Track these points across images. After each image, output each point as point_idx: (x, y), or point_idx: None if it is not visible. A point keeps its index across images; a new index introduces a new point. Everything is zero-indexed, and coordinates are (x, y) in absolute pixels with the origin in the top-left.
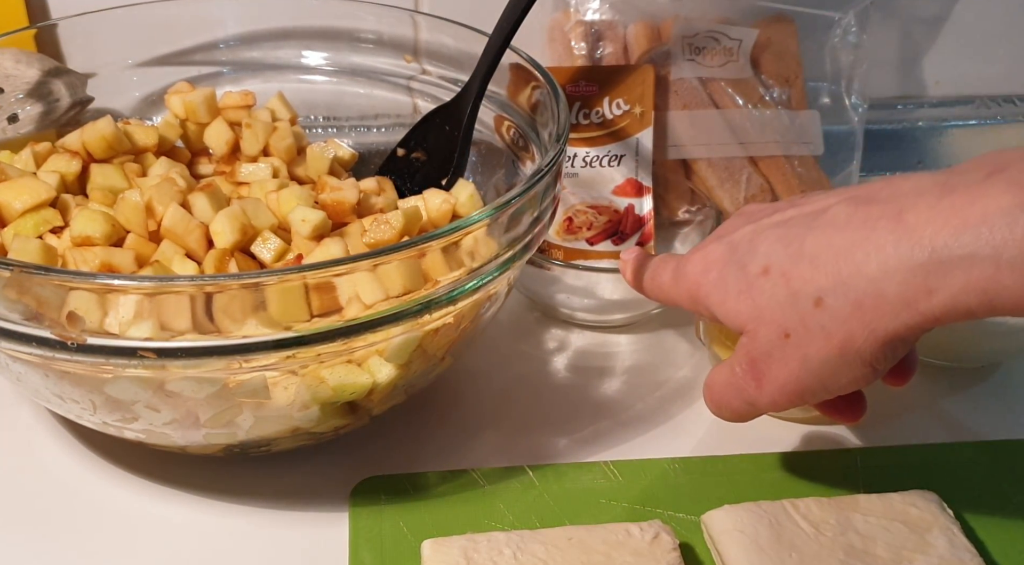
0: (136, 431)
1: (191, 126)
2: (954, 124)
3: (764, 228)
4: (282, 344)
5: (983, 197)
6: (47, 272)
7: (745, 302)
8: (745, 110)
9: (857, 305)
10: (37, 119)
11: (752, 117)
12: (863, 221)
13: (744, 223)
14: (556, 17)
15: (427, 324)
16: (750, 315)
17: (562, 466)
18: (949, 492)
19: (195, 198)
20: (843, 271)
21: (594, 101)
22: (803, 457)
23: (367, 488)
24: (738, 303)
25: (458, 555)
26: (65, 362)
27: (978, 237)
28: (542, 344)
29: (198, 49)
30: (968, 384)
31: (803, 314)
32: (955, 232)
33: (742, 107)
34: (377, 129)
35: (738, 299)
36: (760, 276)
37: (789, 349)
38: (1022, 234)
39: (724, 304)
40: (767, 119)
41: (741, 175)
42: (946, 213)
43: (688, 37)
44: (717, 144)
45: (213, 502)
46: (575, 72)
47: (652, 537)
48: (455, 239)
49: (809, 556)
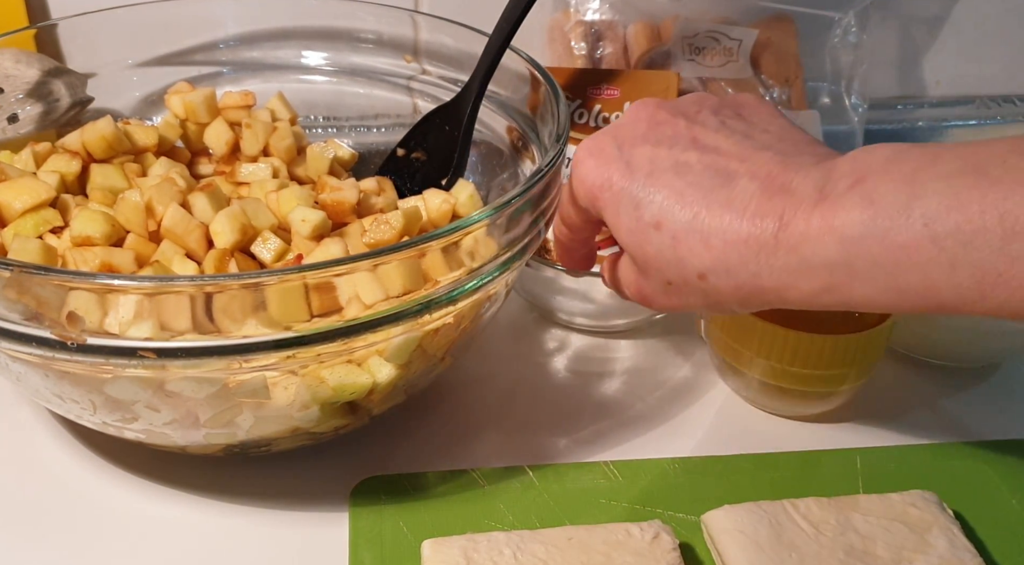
0: (136, 431)
1: (191, 126)
2: (954, 124)
3: (665, 167)
4: (282, 344)
5: (843, 210)
6: (47, 272)
7: (634, 241)
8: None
9: (737, 288)
10: (37, 119)
11: None
12: (758, 215)
13: (645, 126)
14: (556, 17)
15: (427, 324)
16: (638, 255)
17: (562, 466)
18: (949, 492)
19: (195, 198)
20: (730, 259)
21: (614, 105)
22: (803, 457)
23: (367, 488)
24: (628, 237)
25: (458, 555)
26: (65, 362)
27: (835, 248)
28: (542, 344)
29: (198, 49)
30: (968, 384)
31: (686, 278)
32: (819, 242)
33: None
34: (377, 129)
35: (629, 234)
36: (652, 228)
37: (671, 292)
38: (868, 248)
39: (616, 229)
40: None
41: None
42: (817, 223)
43: (688, 37)
44: None
45: (213, 502)
46: (597, 75)
47: (652, 537)
48: (455, 239)
49: (809, 556)
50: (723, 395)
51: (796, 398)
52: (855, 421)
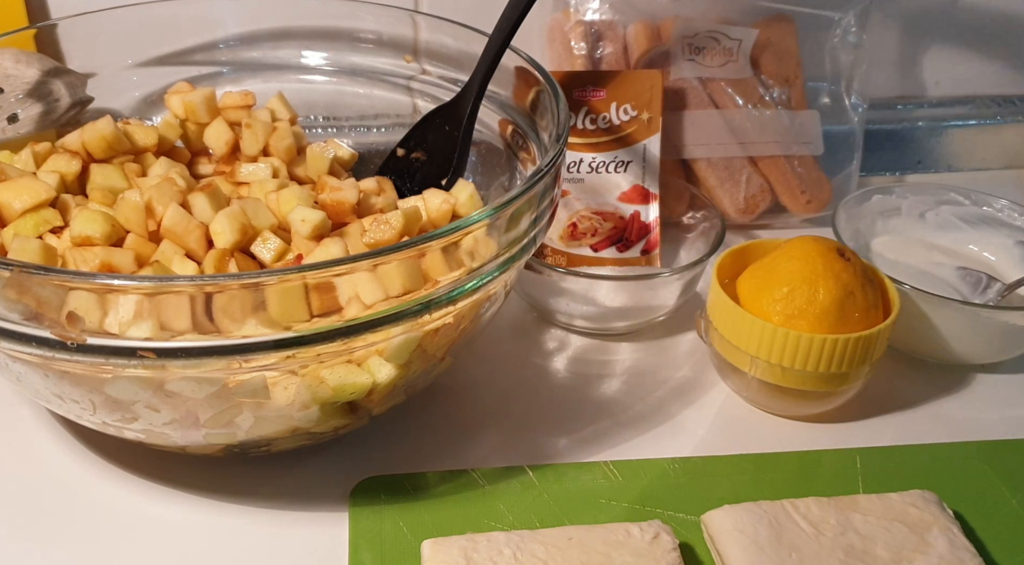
0: (136, 431)
1: (191, 126)
2: (954, 124)
3: None
4: (282, 344)
5: None
6: (47, 272)
7: None
8: (745, 110)
9: None
10: (37, 119)
11: (752, 117)
12: None
13: None
14: (556, 17)
15: (427, 324)
16: None
17: (562, 466)
18: (949, 492)
19: (195, 198)
20: None
21: (601, 106)
22: (803, 457)
23: (367, 488)
24: None
25: (458, 555)
26: (65, 362)
27: None
28: (542, 344)
29: (198, 49)
30: (968, 384)
31: None
32: None
33: (742, 107)
34: (377, 129)
35: None
36: None
37: None
38: None
39: None
40: (767, 119)
41: (741, 175)
42: None
43: (688, 37)
44: (717, 144)
45: (213, 502)
46: (581, 77)
47: (652, 537)
48: (455, 239)
49: (809, 556)
50: (723, 395)
51: (796, 398)
52: (855, 421)
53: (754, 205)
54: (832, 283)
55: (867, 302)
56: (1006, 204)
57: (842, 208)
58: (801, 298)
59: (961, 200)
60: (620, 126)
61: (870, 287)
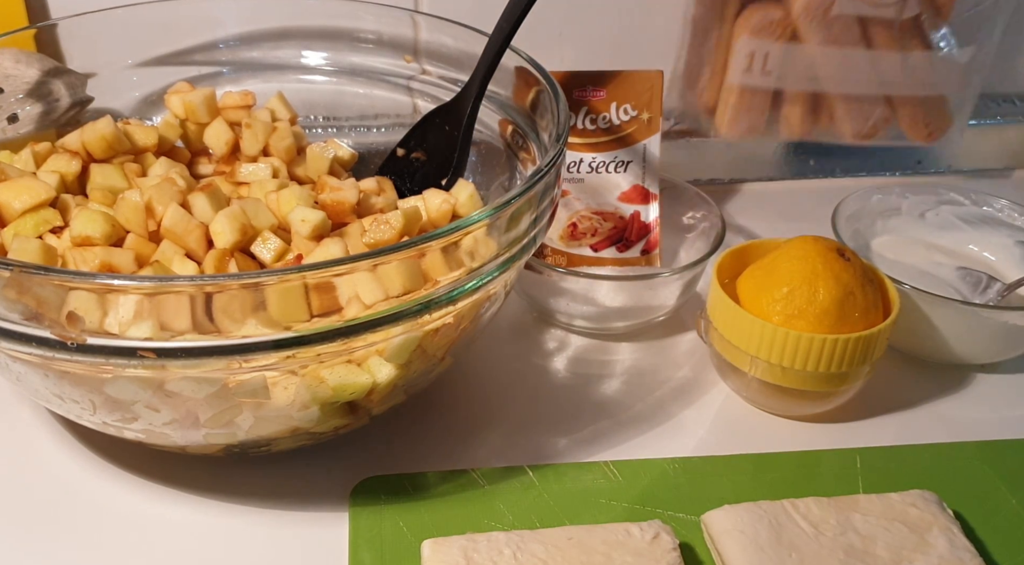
0: (136, 431)
1: (191, 126)
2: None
3: None
4: (282, 344)
5: None
6: (47, 272)
7: None
8: (897, 55)
9: None
10: (37, 119)
11: (901, 61)
12: None
13: None
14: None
15: (427, 324)
16: None
17: (562, 466)
18: (949, 492)
19: (195, 198)
20: None
21: (601, 106)
22: (803, 457)
23: (367, 488)
24: None
25: (458, 555)
26: (65, 362)
27: None
28: (542, 344)
29: (198, 49)
30: (968, 384)
31: None
32: None
33: (894, 51)
34: (377, 129)
35: None
36: None
37: None
38: None
39: None
40: (916, 61)
41: (874, 109)
42: None
43: None
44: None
45: (213, 502)
46: (581, 76)
47: (652, 537)
48: (455, 239)
49: (809, 556)
50: (723, 395)
51: (796, 398)
52: (855, 421)
53: (874, 131)
54: (832, 283)
55: (867, 302)
56: (1006, 204)
57: (842, 208)
58: (801, 298)
59: (961, 200)
60: (620, 126)
61: (870, 287)
